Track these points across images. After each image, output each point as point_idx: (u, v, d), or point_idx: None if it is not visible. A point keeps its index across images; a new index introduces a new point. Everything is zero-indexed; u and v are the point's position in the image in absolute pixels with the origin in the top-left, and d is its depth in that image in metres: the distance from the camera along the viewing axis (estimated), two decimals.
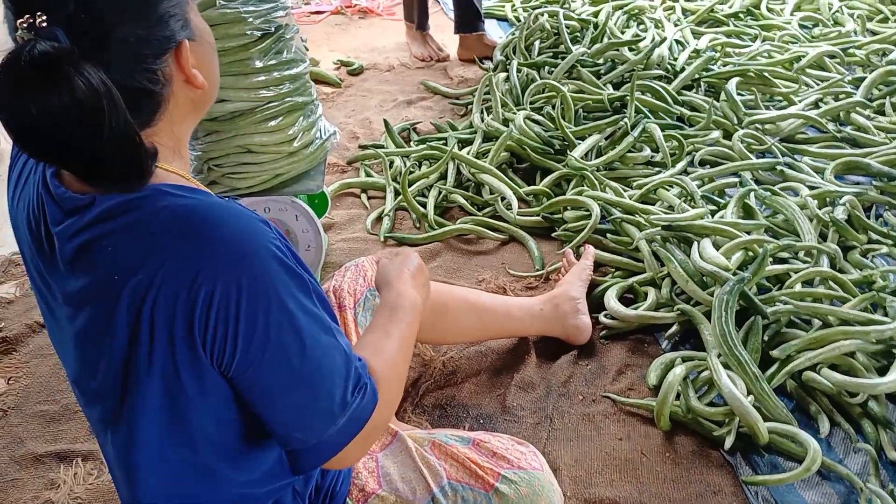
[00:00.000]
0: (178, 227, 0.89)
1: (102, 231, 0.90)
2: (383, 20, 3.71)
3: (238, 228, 0.90)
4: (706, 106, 2.60)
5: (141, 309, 0.89)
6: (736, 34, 3.17)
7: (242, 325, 0.89)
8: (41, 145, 0.84)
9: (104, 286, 0.90)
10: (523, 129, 2.42)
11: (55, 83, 0.80)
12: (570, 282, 1.88)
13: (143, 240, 0.89)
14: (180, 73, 0.94)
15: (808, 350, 1.68)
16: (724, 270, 1.81)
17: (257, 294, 0.89)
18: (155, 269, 0.88)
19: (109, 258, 0.90)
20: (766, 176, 2.35)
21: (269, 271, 0.91)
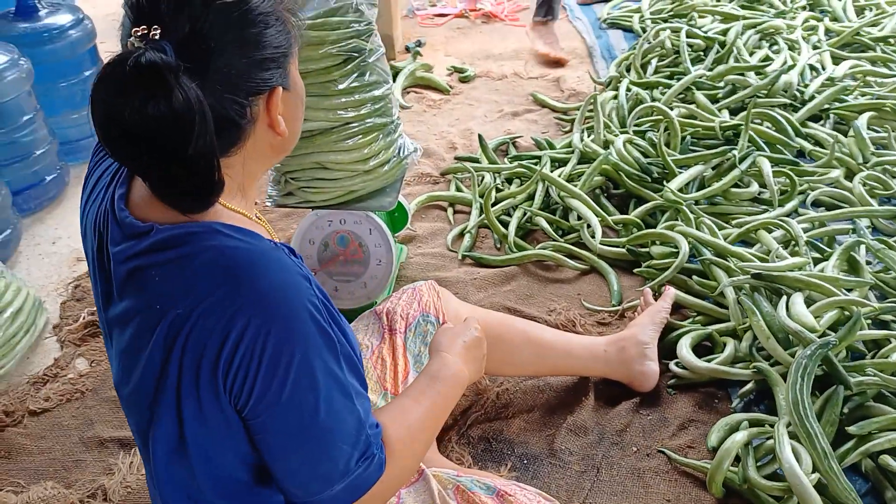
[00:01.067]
0: (221, 270, 0.93)
1: (153, 261, 0.95)
2: (505, 26, 3.66)
3: (278, 280, 0.94)
4: (830, 141, 2.39)
5: (175, 340, 0.94)
6: (883, 61, 2.89)
7: (263, 372, 0.93)
8: (125, 147, 0.89)
9: (146, 313, 0.96)
10: (622, 153, 2.32)
11: (155, 91, 0.85)
12: (642, 324, 1.79)
13: (187, 275, 0.94)
14: (267, 115, 0.98)
15: (891, 430, 1.52)
16: (811, 331, 1.66)
17: (283, 346, 0.93)
18: (193, 306, 0.93)
19: (155, 287, 0.95)
20: (886, 225, 2.14)
21: (300, 326, 0.94)
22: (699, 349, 1.83)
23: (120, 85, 0.86)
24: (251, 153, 1.00)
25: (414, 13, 3.80)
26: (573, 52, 3.36)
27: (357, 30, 1.69)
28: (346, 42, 1.68)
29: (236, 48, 0.92)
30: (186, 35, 0.89)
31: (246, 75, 0.93)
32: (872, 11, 3.23)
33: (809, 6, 3.36)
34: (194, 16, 0.89)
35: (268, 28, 0.94)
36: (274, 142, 1.02)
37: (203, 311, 0.92)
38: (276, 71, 0.97)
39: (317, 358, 0.95)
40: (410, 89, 3.13)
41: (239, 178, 1.01)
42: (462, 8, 3.78)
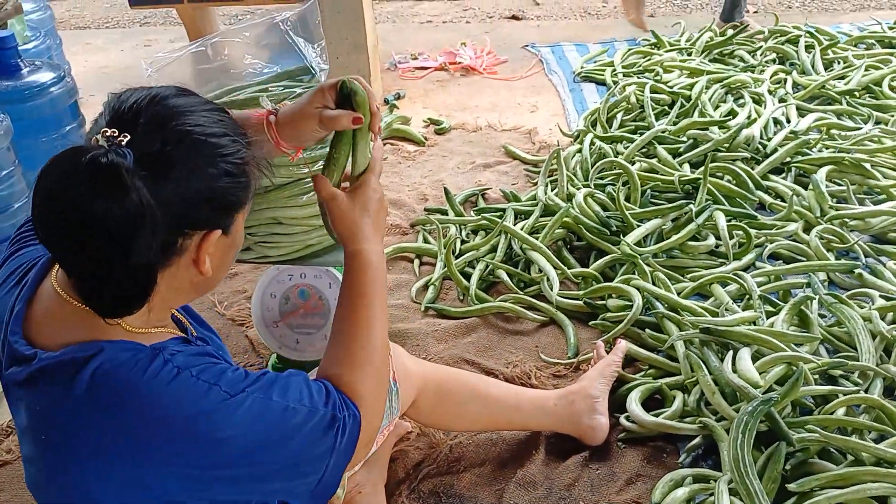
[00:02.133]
0: (96, 395, 0.93)
1: (37, 389, 0.96)
2: (483, 79, 3.75)
3: (154, 401, 0.94)
4: (789, 194, 2.44)
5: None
6: (848, 114, 2.96)
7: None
8: (62, 239, 0.91)
9: (37, 439, 0.98)
10: (582, 206, 2.37)
11: (111, 190, 0.87)
12: (592, 378, 1.82)
13: (67, 406, 0.94)
14: (196, 252, 0.99)
15: (831, 487, 1.53)
16: (755, 387, 1.69)
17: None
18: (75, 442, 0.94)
19: (39, 419, 0.97)
20: (842, 279, 2.17)
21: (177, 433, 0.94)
22: (650, 402, 1.85)
23: (74, 175, 0.87)
24: (169, 283, 1.00)
25: (396, 66, 3.89)
26: (548, 105, 3.43)
27: (307, 88, 1.75)
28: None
29: (194, 183, 0.94)
30: (153, 151, 0.91)
31: (194, 210, 0.95)
32: (840, 65, 3.31)
33: (779, 59, 3.44)
34: (166, 140, 0.93)
35: (228, 176, 0.98)
36: (195, 279, 1.02)
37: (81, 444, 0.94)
38: (223, 216, 1.00)
39: (224, 427, 0.95)
40: (387, 141, 3.20)
41: (158, 304, 1.01)
42: (442, 61, 3.87)
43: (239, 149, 1.00)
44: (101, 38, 4.73)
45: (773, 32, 3.63)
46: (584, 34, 4.22)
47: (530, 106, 3.44)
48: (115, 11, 5.39)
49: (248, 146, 1.02)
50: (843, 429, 1.66)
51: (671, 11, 4.75)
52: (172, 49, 1.05)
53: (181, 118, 0.95)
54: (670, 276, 2.17)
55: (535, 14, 4.81)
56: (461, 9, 5.03)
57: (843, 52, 3.42)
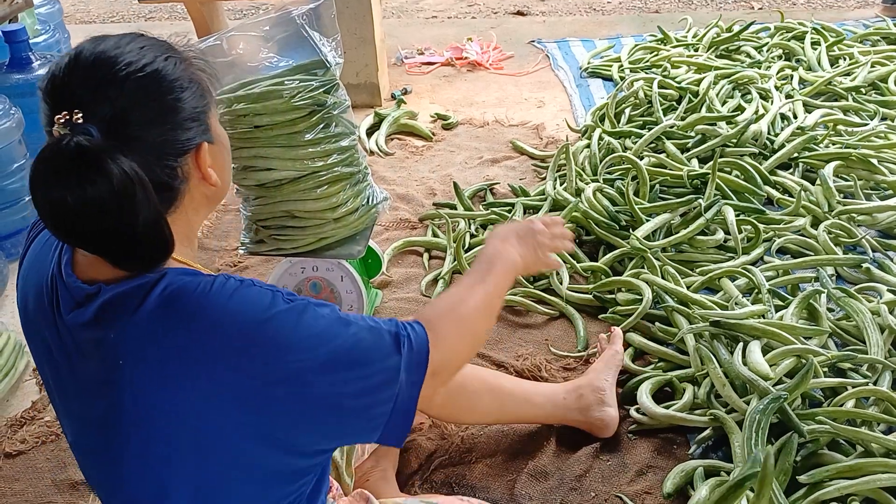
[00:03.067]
0: (167, 311, 0.96)
1: (106, 320, 0.97)
2: (490, 74, 3.76)
3: (233, 304, 0.97)
4: (797, 189, 2.45)
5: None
6: (854, 110, 2.97)
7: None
8: (77, 233, 0.94)
9: (113, 376, 0.97)
10: (591, 201, 2.39)
11: (92, 174, 0.89)
12: (598, 370, 1.83)
13: (141, 327, 0.96)
14: (197, 171, 1.03)
15: (841, 478, 1.55)
16: (765, 379, 1.70)
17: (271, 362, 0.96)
18: (156, 354, 0.95)
19: (115, 348, 0.97)
20: (850, 273, 2.19)
21: (258, 338, 0.96)
22: (660, 395, 1.86)
23: (56, 174, 0.89)
24: (189, 207, 1.05)
25: (402, 61, 3.90)
26: (555, 100, 3.44)
27: (322, 82, 1.76)
28: (311, 96, 1.75)
29: (157, 118, 0.97)
30: (108, 115, 0.93)
31: (171, 140, 0.98)
32: (846, 61, 3.32)
33: (785, 56, 3.45)
34: (111, 96, 0.94)
35: (183, 92, 1.00)
36: (208, 192, 1.07)
37: (165, 356, 0.94)
38: (198, 129, 1.02)
39: (293, 349, 0.97)
40: (395, 136, 3.21)
41: (183, 231, 1.05)
42: (448, 57, 3.88)
43: (175, 62, 1.01)
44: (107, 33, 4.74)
45: (778, 29, 3.64)
46: (589, 29, 4.23)
47: (537, 101, 3.45)
48: (119, 6, 5.40)
49: (179, 53, 1.03)
50: (853, 420, 1.67)
51: (676, 7, 4.76)
52: (188, 43, 1.05)
53: (111, 67, 0.95)
54: (679, 271, 2.18)
55: (540, 9, 4.82)
56: (466, 4, 5.03)
57: (849, 48, 3.43)
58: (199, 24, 3.71)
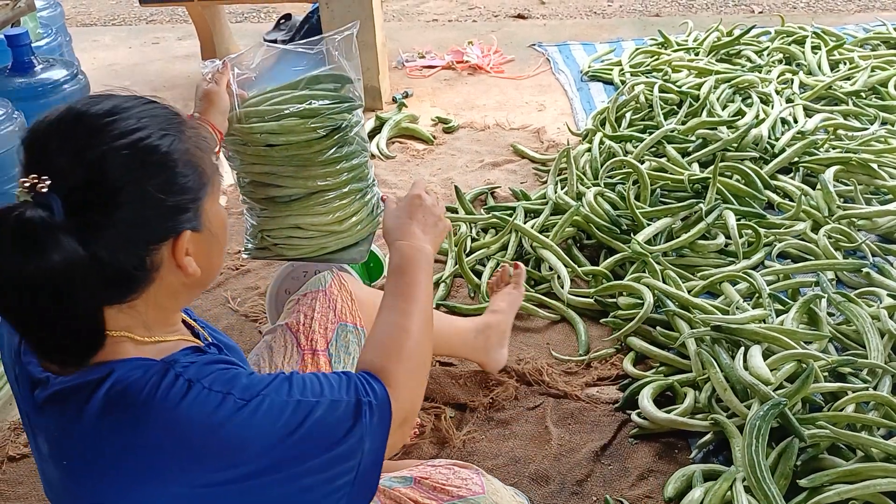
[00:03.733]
0: (110, 416, 0.89)
1: (53, 415, 0.92)
2: (490, 77, 3.76)
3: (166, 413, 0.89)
4: (798, 193, 2.46)
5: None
6: (855, 115, 2.97)
7: None
8: (8, 301, 0.87)
9: (62, 466, 0.93)
10: (592, 205, 2.39)
11: (30, 250, 0.81)
12: (504, 312, 1.93)
13: (86, 431, 0.90)
14: (172, 259, 0.93)
15: (841, 483, 1.55)
16: (766, 384, 1.71)
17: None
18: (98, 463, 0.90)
19: (57, 445, 0.93)
20: (850, 278, 2.20)
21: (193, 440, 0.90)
22: (661, 399, 1.87)
23: (3, 240, 0.82)
24: (159, 294, 0.94)
25: (403, 65, 3.91)
26: (555, 104, 3.45)
27: (344, 99, 1.76)
28: (331, 118, 1.74)
29: (136, 200, 0.87)
30: (80, 185, 0.84)
31: (146, 227, 0.89)
32: (846, 65, 3.33)
33: (785, 60, 3.45)
34: (91, 164, 0.85)
35: (176, 175, 0.90)
36: (186, 280, 0.96)
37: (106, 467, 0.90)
38: (184, 217, 0.92)
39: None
40: (395, 139, 3.22)
41: (143, 317, 0.95)
42: (449, 60, 3.88)
43: (174, 140, 0.91)
44: (109, 36, 4.75)
45: (779, 33, 3.65)
46: (590, 33, 4.24)
47: (538, 105, 3.45)
48: (121, 8, 5.41)
49: (182, 131, 0.93)
50: (853, 425, 1.68)
51: (677, 11, 4.77)
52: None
53: (99, 135, 0.86)
54: (680, 275, 2.19)
55: (540, 13, 4.83)
56: (467, 7, 5.04)
57: (849, 52, 3.43)
58: (200, 27, 3.72)
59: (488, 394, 1.94)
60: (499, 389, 1.95)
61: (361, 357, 1.11)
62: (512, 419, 1.88)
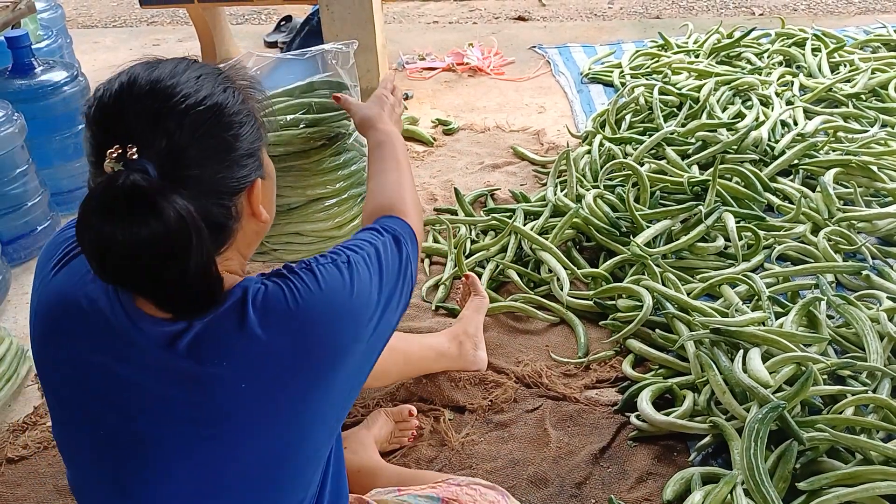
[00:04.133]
0: (270, 317, 0.95)
1: (209, 353, 0.93)
2: (490, 79, 3.76)
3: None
4: (798, 196, 2.46)
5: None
6: (855, 117, 2.97)
7: None
8: (122, 272, 0.89)
9: (223, 404, 0.94)
10: (591, 207, 2.39)
11: (145, 214, 0.84)
12: (469, 317, 2.00)
13: (253, 343, 0.93)
14: (248, 207, 1.00)
15: (840, 486, 1.55)
16: (765, 387, 1.71)
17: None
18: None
19: (222, 380, 0.93)
20: (850, 280, 2.19)
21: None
22: (660, 401, 1.87)
23: (109, 213, 0.84)
24: (241, 244, 1.02)
25: (403, 67, 3.91)
26: (555, 106, 3.45)
27: (336, 114, 1.77)
28: (329, 126, 1.75)
29: (216, 154, 0.92)
30: (164, 150, 0.88)
31: (228, 178, 0.94)
32: (846, 68, 3.33)
33: (786, 62, 3.45)
34: (170, 130, 0.89)
35: (242, 127, 0.96)
36: (258, 228, 1.04)
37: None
38: (253, 165, 0.98)
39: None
40: None
41: (238, 266, 1.02)
42: (449, 62, 3.89)
43: (234, 93, 0.97)
44: (110, 37, 4.75)
45: (779, 35, 3.65)
46: (590, 35, 4.24)
47: (538, 107, 3.46)
48: (122, 10, 5.41)
49: (236, 83, 0.99)
50: (852, 428, 1.68)
51: (677, 13, 4.77)
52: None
53: (169, 99, 0.90)
54: (679, 277, 2.19)
55: (541, 15, 4.83)
56: (467, 9, 5.05)
57: (850, 55, 3.43)
58: (201, 29, 3.72)
59: (487, 396, 1.94)
60: (497, 391, 1.95)
61: (367, 208, 1.33)
62: (511, 421, 1.88)
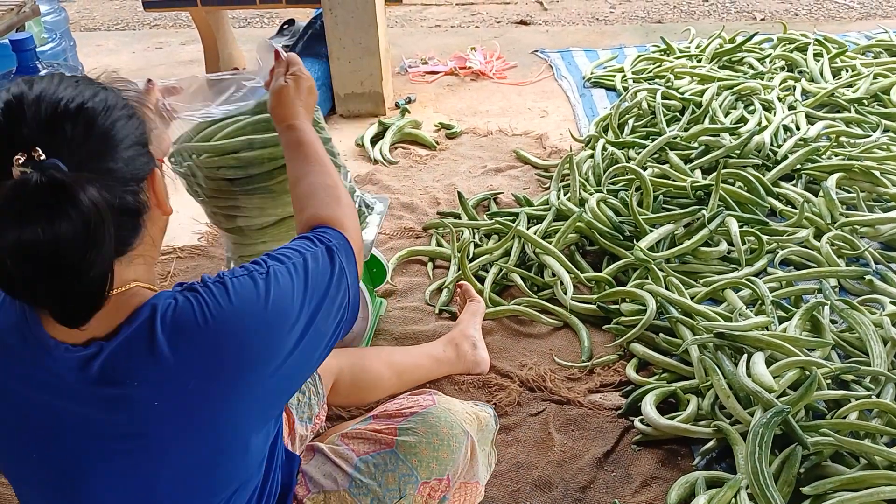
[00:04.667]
0: (180, 337, 0.97)
1: (119, 375, 0.95)
2: (493, 83, 3.77)
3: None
4: (800, 201, 2.47)
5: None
6: (856, 122, 2.98)
7: None
8: (25, 274, 0.89)
9: (139, 420, 0.97)
10: (595, 211, 2.40)
11: (64, 207, 0.86)
12: (466, 321, 2.03)
13: (162, 365, 0.96)
14: (154, 197, 1.03)
15: (844, 490, 1.55)
16: (769, 391, 1.71)
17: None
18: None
19: (136, 401, 0.96)
20: (853, 285, 2.20)
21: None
22: (664, 406, 1.87)
23: (26, 214, 0.86)
24: (147, 240, 1.03)
25: (406, 70, 3.91)
26: (558, 110, 3.46)
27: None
28: None
29: (112, 145, 0.96)
30: (67, 148, 0.91)
31: (130, 166, 0.97)
32: (848, 73, 3.33)
33: (788, 67, 3.46)
34: (66, 130, 0.92)
35: (129, 119, 1.00)
36: (161, 224, 1.07)
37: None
38: (147, 155, 1.02)
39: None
40: (399, 145, 3.22)
41: (141, 267, 1.03)
42: (452, 66, 3.89)
43: (111, 93, 1.01)
44: (112, 40, 4.76)
45: (781, 40, 3.65)
46: (592, 40, 4.25)
47: (540, 111, 3.46)
48: (125, 13, 5.42)
49: (110, 86, 1.03)
50: (856, 432, 1.68)
51: (679, 17, 4.78)
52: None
53: (58, 104, 0.94)
54: (683, 281, 2.19)
55: (543, 19, 4.84)
56: (469, 14, 5.06)
57: (851, 60, 3.44)
58: (204, 33, 3.73)
59: (491, 399, 1.94)
60: (501, 395, 1.95)
61: (300, 217, 1.27)
62: (515, 425, 1.88)
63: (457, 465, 1.37)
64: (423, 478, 1.32)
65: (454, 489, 1.41)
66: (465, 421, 1.42)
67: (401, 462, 1.31)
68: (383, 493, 1.29)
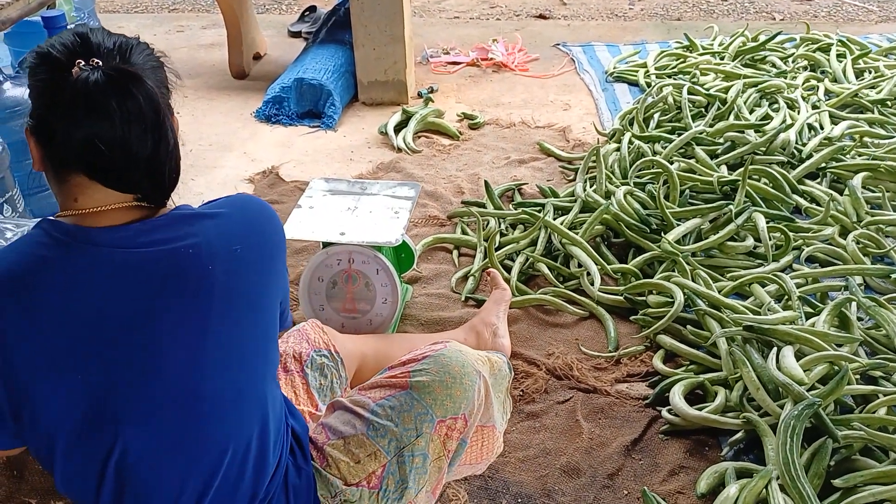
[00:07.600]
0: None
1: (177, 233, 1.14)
2: (515, 75, 3.77)
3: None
4: (826, 199, 2.47)
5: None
6: (880, 123, 2.98)
7: None
8: (119, 164, 1.07)
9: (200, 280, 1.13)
10: (622, 204, 2.40)
11: (129, 87, 1.06)
12: (488, 308, 2.00)
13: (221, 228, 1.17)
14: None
15: (875, 483, 1.57)
16: (799, 384, 1.72)
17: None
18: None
19: (196, 255, 1.13)
20: (879, 283, 2.20)
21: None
22: (691, 397, 1.88)
23: (95, 102, 1.04)
24: None
25: (428, 60, 3.92)
26: (580, 104, 3.46)
27: None
28: None
29: (151, 70, 1.15)
30: (123, 65, 1.10)
31: (163, 92, 1.15)
32: (871, 74, 3.34)
33: (810, 67, 3.46)
34: (123, 55, 1.12)
35: (163, 68, 1.18)
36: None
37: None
38: (170, 95, 1.19)
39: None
40: (422, 134, 3.23)
41: None
42: (474, 57, 3.89)
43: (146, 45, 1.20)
44: (134, 23, 4.76)
45: (804, 40, 3.66)
46: (613, 34, 4.25)
47: (563, 104, 3.46)
48: None
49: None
50: (884, 427, 1.69)
51: (697, 16, 4.77)
52: None
53: (117, 38, 1.14)
54: (709, 275, 2.20)
55: (561, 14, 4.84)
56: (487, 6, 5.05)
57: (875, 62, 3.44)
58: (228, 17, 3.73)
59: (518, 386, 1.95)
60: (528, 382, 1.97)
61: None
62: (542, 412, 1.89)
63: (471, 403, 1.37)
64: (438, 416, 1.34)
65: (472, 431, 1.41)
66: (478, 361, 1.44)
67: (416, 401, 1.33)
68: (400, 432, 1.31)
